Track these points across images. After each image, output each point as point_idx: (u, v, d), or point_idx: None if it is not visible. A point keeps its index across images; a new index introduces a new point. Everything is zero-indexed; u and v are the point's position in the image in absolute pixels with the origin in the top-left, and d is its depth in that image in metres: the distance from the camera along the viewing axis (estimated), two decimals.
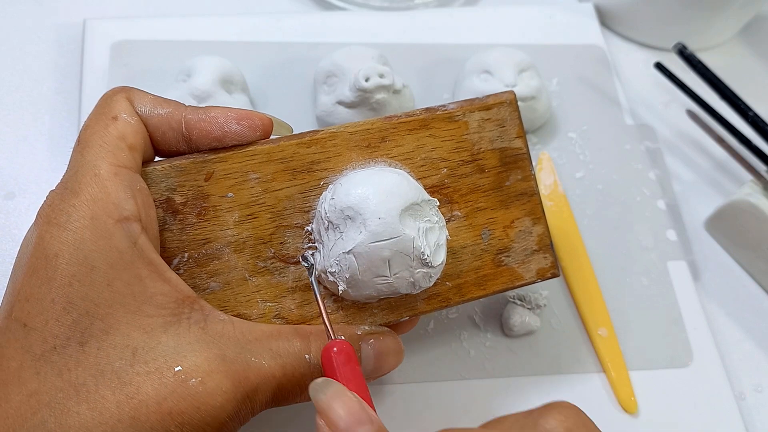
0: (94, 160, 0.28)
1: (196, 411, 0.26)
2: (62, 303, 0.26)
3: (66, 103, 0.48)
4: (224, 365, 0.27)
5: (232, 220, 0.31)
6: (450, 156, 0.34)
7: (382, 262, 0.30)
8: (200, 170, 0.31)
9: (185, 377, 0.26)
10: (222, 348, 0.27)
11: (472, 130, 0.34)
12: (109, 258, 0.27)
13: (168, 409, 0.25)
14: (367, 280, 0.30)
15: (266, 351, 0.28)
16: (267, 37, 0.52)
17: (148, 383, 0.25)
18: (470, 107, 0.35)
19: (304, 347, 0.29)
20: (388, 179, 0.31)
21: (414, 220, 0.30)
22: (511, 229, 0.35)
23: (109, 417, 0.25)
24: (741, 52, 0.59)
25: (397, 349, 0.33)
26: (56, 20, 0.52)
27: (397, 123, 0.33)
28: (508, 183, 0.35)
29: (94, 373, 0.25)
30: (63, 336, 0.26)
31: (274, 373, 0.28)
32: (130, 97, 0.30)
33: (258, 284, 0.31)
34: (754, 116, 0.48)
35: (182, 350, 0.27)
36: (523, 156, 0.35)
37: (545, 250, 0.36)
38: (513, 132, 0.35)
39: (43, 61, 0.50)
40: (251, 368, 0.28)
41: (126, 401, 0.25)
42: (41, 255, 0.27)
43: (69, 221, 0.27)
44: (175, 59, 0.48)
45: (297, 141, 0.32)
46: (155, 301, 0.27)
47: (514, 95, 0.36)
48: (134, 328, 0.26)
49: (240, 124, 0.31)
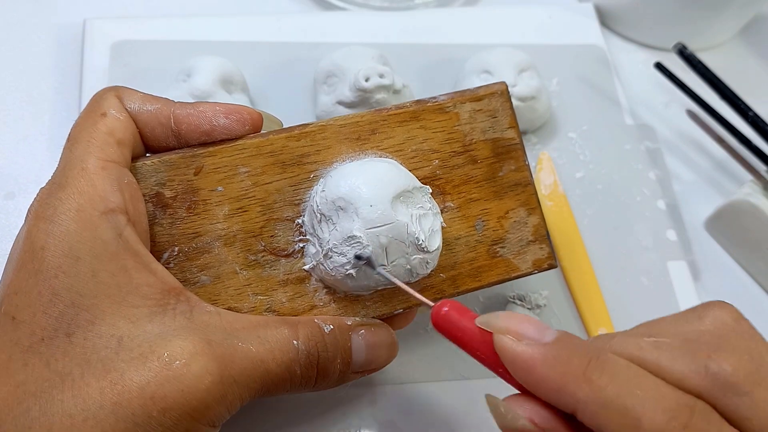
0: (82, 155, 0.28)
1: (180, 394, 0.25)
2: (48, 295, 0.26)
3: (66, 103, 0.48)
4: (210, 348, 0.27)
5: (222, 213, 0.31)
6: (441, 147, 0.34)
7: (379, 249, 0.30)
8: (190, 164, 0.31)
9: (169, 360, 0.26)
10: (207, 333, 0.27)
11: (463, 121, 0.34)
12: (94, 249, 0.27)
13: (150, 394, 0.25)
14: (367, 270, 0.30)
15: (254, 338, 0.28)
16: (267, 37, 0.52)
17: (132, 369, 0.25)
18: (461, 98, 0.34)
19: (291, 333, 0.29)
20: (378, 168, 0.31)
21: (406, 206, 0.30)
22: (506, 219, 0.35)
23: (92, 404, 0.25)
24: (741, 52, 0.59)
25: (389, 342, 0.32)
26: (56, 20, 0.52)
27: (387, 115, 0.33)
28: (501, 173, 0.35)
29: (80, 363, 0.26)
30: (50, 327, 0.26)
31: (262, 357, 0.28)
32: (120, 95, 0.31)
33: (249, 277, 0.31)
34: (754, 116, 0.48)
35: (167, 336, 0.26)
36: (516, 146, 0.35)
37: (541, 241, 0.35)
38: (505, 122, 0.35)
39: (43, 61, 0.50)
40: (238, 352, 0.27)
41: (109, 387, 0.25)
42: (29, 248, 0.27)
43: (55, 214, 0.27)
44: (175, 59, 0.48)
45: (287, 134, 0.32)
46: (140, 292, 0.27)
47: (506, 86, 0.35)
48: (120, 318, 0.26)
49: (228, 117, 0.31)
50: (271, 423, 0.37)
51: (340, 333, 0.31)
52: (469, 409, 0.39)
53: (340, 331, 0.31)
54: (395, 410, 0.38)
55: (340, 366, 0.30)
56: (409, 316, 0.35)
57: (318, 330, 0.30)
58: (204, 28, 0.51)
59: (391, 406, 0.39)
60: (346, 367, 0.31)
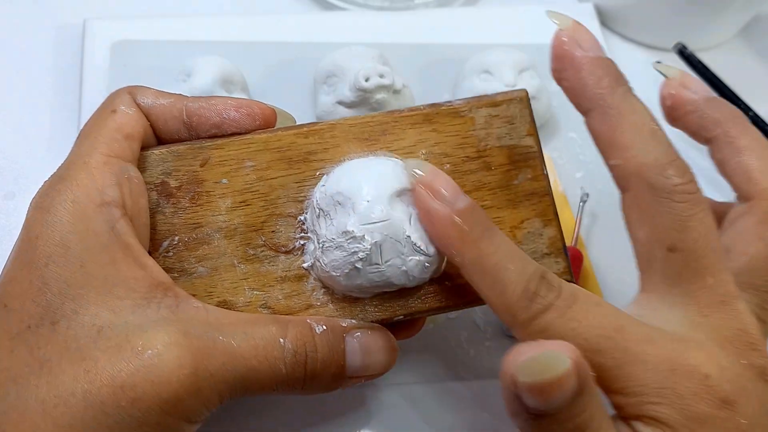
0: (88, 150, 0.29)
1: (151, 384, 0.25)
2: (38, 284, 0.27)
3: (66, 103, 0.48)
4: (186, 339, 0.26)
5: (224, 206, 0.31)
6: (454, 152, 0.33)
7: (374, 247, 0.29)
8: (197, 156, 0.31)
9: (141, 350, 0.26)
10: (187, 326, 0.27)
11: (478, 126, 0.33)
12: (85, 240, 0.27)
13: (121, 383, 0.25)
14: (360, 268, 0.30)
15: (239, 333, 0.28)
16: (267, 37, 0.52)
17: (105, 357, 0.25)
18: (477, 103, 0.34)
19: (279, 331, 0.29)
20: (380, 165, 0.31)
21: (406, 205, 0.30)
22: (520, 230, 0.33)
23: (64, 390, 0.25)
24: (741, 52, 0.59)
25: (388, 347, 0.31)
26: (56, 20, 0.52)
27: (399, 117, 0.33)
28: (517, 182, 0.34)
29: (60, 350, 0.26)
30: (37, 316, 0.26)
31: (243, 353, 0.27)
32: (132, 92, 0.31)
33: (246, 272, 0.31)
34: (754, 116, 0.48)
35: (145, 327, 0.26)
36: (534, 154, 0.34)
37: (557, 254, 0.34)
38: (523, 130, 0.34)
39: (43, 61, 0.50)
40: (217, 346, 0.27)
41: (83, 375, 0.25)
42: (25, 238, 0.28)
43: (52, 204, 0.27)
44: (175, 59, 0.48)
45: (295, 131, 0.32)
46: (127, 285, 0.27)
47: (526, 93, 0.34)
48: (103, 309, 0.27)
49: (238, 111, 0.32)
50: (271, 423, 0.37)
51: (333, 334, 0.30)
52: (470, 409, 0.39)
53: (333, 332, 0.30)
54: (395, 410, 0.38)
55: (333, 369, 0.30)
56: (416, 326, 0.34)
57: (308, 330, 0.29)
58: (204, 28, 0.51)
59: (391, 406, 0.39)
60: (339, 370, 0.30)
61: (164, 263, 0.30)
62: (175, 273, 0.31)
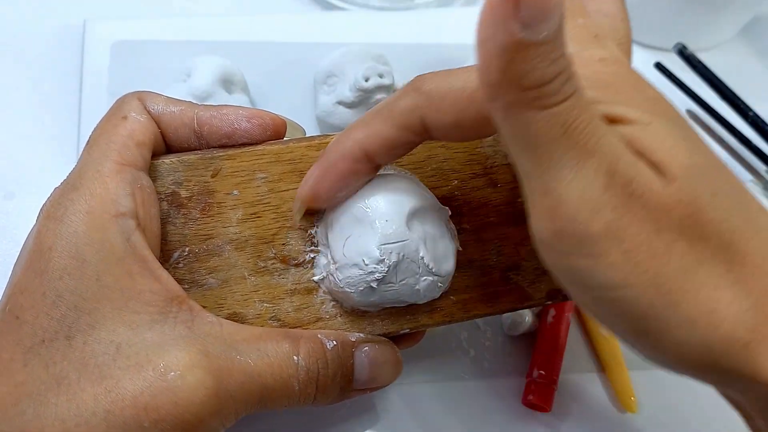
0: (99, 158, 0.28)
1: (174, 406, 0.25)
2: (52, 296, 0.26)
3: (66, 104, 0.48)
4: (207, 360, 0.26)
5: (235, 217, 0.31)
6: (462, 168, 0.33)
7: (391, 267, 0.29)
8: (208, 166, 0.31)
9: (164, 371, 0.26)
10: (206, 345, 0.27)
11: (486, 144, 0.34)
12: (101, 252, 0.27)
13: (144, 404, 0.25)
14: (375, 287, 0.30)
15: (253, 350, 0.28)
16: (267, 37, 0.52)
17: (127, 377, 0.25)
18: None
19: (292, 349, 0.29)
20: (398, 183, 0.31)
21: (421, 225, 0.30)
22: (523, 246, 0.34)
23: (85, 410, 0.25)
24: (741, 52, 0.59)
25: (394, 361, 0.32)
26: (56, 20, 0.52)
27: None
28: (522, 199, 0.34)
29: (78, 367, 0.25)
30: (52, 329, 0.26)
31: (260, 372, 0.28)
32: (142, 98, 0.31)
33: (257, 284, 0.31)
34: (754, 116, 0.48)
35: (165, 345, 0.26)
36: None
37: None
38: None
39: (43, 61, 0.50)
40: (236, 365, 0.27)
41: (104, 395, 0.25)
42: (37, 248, 0.27)
43: (65, 214, 0.27)
44: (175, 59, 0.48)
45: (307, 144, 0.32)
46: (143, 298, 0.27)
47: None
48: (120, 324, 0.26)
49: (250, 122, 0.31)
50: (270, 423, 0.37)
51: (343, 349, 0.30)
52: (470, 409, 0.39)
53: (342, 347, 0.30)
54: (395, 410, 0.38)
55: (341, 383, 0.30)
56: (417, 336, 0.34)
57: (320, 346, 0.30)
58: (204, 28, 0.51)
59: (391, 406, 0.39)
60: (347, 384, 0.30)
61: (174, 274, 0.30)
62: (186, 284, 0.30)
